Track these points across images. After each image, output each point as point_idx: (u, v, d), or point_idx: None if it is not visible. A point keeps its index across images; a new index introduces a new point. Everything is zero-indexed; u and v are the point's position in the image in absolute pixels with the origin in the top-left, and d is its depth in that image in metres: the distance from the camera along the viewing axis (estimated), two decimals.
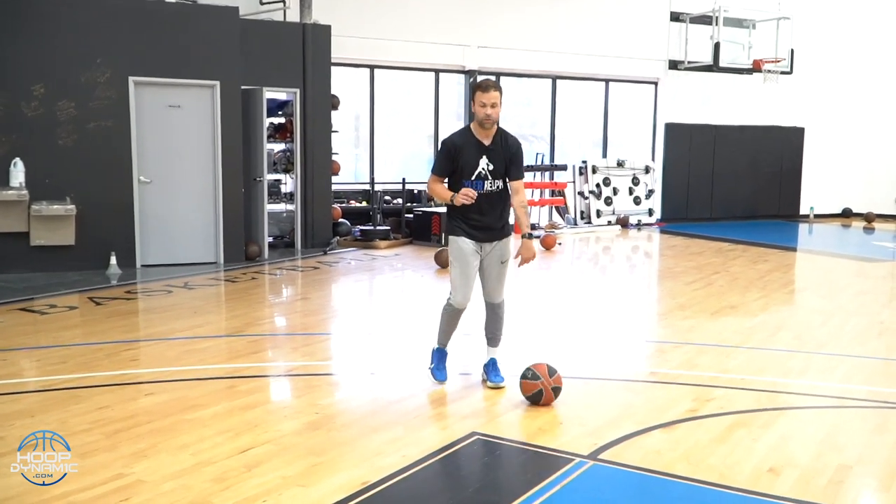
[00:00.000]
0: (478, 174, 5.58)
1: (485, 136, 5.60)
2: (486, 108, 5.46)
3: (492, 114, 5.47)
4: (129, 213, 10.78)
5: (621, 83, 18.22)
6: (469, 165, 5.57)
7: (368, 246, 13.46)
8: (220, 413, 5.30)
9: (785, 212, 19.61)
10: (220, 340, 7.42)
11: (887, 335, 7.84)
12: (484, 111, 5.48)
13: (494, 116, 5.50)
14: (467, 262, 5.68)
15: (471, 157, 5.57)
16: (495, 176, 5.62)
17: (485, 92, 5.46)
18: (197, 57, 11.07)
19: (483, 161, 5.58)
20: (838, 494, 4.20)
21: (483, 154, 5.58)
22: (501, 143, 5.63)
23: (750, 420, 5.29)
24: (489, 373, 5.92)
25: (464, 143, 5.61)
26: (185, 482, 4.22)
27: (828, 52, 19.17)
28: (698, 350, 7.13)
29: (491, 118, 5.49)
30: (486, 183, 5.60)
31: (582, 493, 4.26)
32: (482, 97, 5.46)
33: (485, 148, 5.59)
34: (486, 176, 5.60)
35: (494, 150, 5.61)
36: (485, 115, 5.48)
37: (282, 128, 13.12)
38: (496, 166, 5.61)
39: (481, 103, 5.48)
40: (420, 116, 16.33)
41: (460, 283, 5.71)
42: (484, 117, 5.49)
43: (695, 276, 11.17)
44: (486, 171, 5.59)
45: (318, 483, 4.24)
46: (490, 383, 5.86)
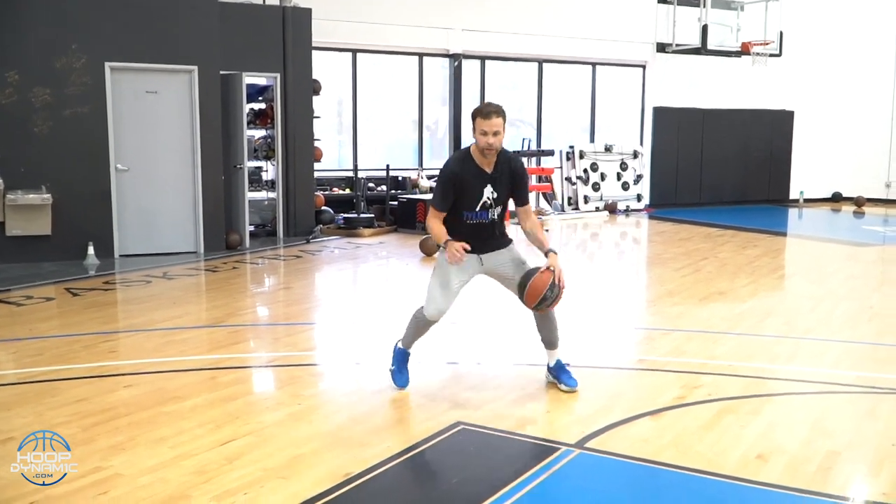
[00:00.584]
0: (482, 205, 5.15)
1: (487, 164, 5.12)
2: (488, 136, 4.98)
3: (494, 143, 4.99)
4: (107, 201, 10.64)
5: (608, 66, 18.13)
6: (472, 197, 5.13)
7: (352, 234, 13.35)
8: (199, 405, 5.22)
9: (774, 196, 19.59)
10: (201, 331, 7.31)
11: (877, 320, 7.79)
12: (486, 140, 4.99)
13: (497, 145, 5.03)
14: (449, 277, 5.22)
15: (474, 187, 5.12)
16: (499, 203, 5.21)
17: (486, 119, 4.97)
18: (174, 41, 10.92)
19: (487, 191, 5.13)
20: (827, 480, 4.16)
21: (487, 183, 5.13)
22: (506, 169, 5.18)
23: (738, 406, 5.24)
24: (560, 376, 5.48)
25: (464, 172, 5.10)
26: (164, 475, 4.15)
27: (817, 35, 19.12)
28: (687, 337, 7.07)
29: (493, 147, 5.01)
30: (490, 212, 5.19)
31: (569, 482, 4.21)
32: (483, 124, 4.98)
33: (488, 177, 5.13)
34: (491, 205, 5.17)
35: (499, 179, 5.15)
36: (486, 144, 4.99)
37: (262, 114, 12.97)
38: (500, 195, 5.18)
39: (482, 131, 4.99)
40: (404, 101, 16.21)
41: (439, 294, 5.25)
42: (486, 146, 5.00)
43: (683, 262, 11.11)
44: (490, 200, 5.15)
45: (299, 475, 4.18)
46: (565, 388, 5.43)
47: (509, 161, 5.22)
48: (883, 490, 4.07)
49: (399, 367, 5.55)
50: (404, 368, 5.55)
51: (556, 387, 5.47)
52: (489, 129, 4.97)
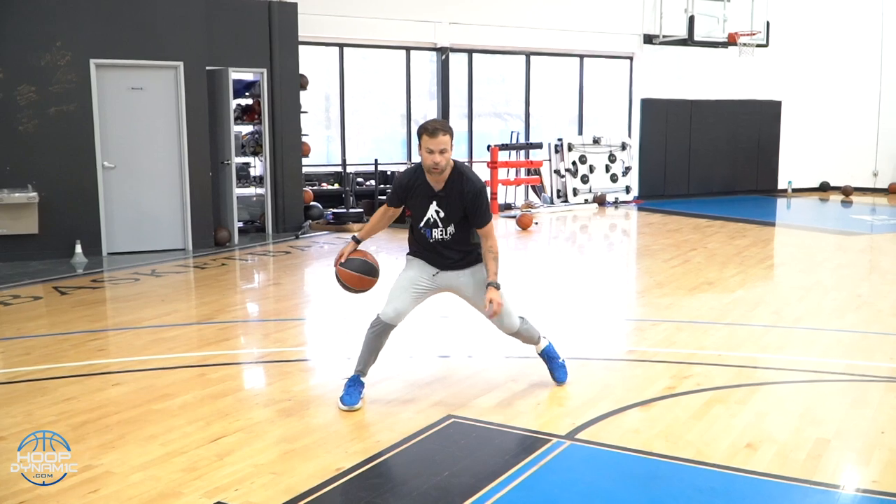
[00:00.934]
0: (426, 221, 4.97)
1: (436, 182, 4.89)
2: (434, 154, 4.75)
3: (440, 161, 4.76)
4: (94, 199, 10.60)
5: (596, 59, 18.13)
6: (418, 211, 4.99)
7: (341, 229, 13.31)
8: (189, 402, 5.20)
9: (763, 186, 19.63)
10: (190, 328, 7.29)
11: (865, 309, 7.82)
12: (431, 158, 4.76)
13: (443, 164, 4.78)
14: (412, 279, 5.10)
15: (420, 202, 4.96)
16: (447, 223, 4.96)
17: (432, 136, 4.75)
18: (159, 37, 10.86)
19: (432, 208, 4.93)
20: (817, 468, 4.17)
21: (433, 200, 4.93)
22: (456, 189, 4.90)
23: (727, 396, 5.25)
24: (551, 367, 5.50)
25: (413, 185, 4.96)
26: (155, 473, 4.14)
27: (803, 25, 19.15)
28: (676, 327, 7.08)
29: (438, 167, 4.78)
30: (434, 231, 4.98)
31: (560, 474, 4.21)
32: (429, 142, 4.75)
33: (434, 194, 4.92)
34: (436, 223, 4.96)
35: (447, 198, 4.91)
36: (432, 163, 4.77)
37: (249, 109, 12.94)
38: (447, 214, 4.94)
39: (428, 149, 4.76)
40: (392, 96, 16.17)
41: (397, 294, 5.09)
42: (431, 165, 4.78)
43: (672, 253, 11.13)
44: (434, 218, 4.95)
45: (291, 470, 4.17)
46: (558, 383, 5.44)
47: (462, 181, 4.90)
48: (873, 478, 4.09)
49: (349, 389, 5.13)
50: (355, 391, 5.12)
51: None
52: (435, 147, 4.75)
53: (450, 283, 5.14)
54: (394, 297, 5.11)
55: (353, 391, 5.13)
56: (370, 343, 5.16)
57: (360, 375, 5.19)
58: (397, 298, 5.10)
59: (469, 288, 5.12)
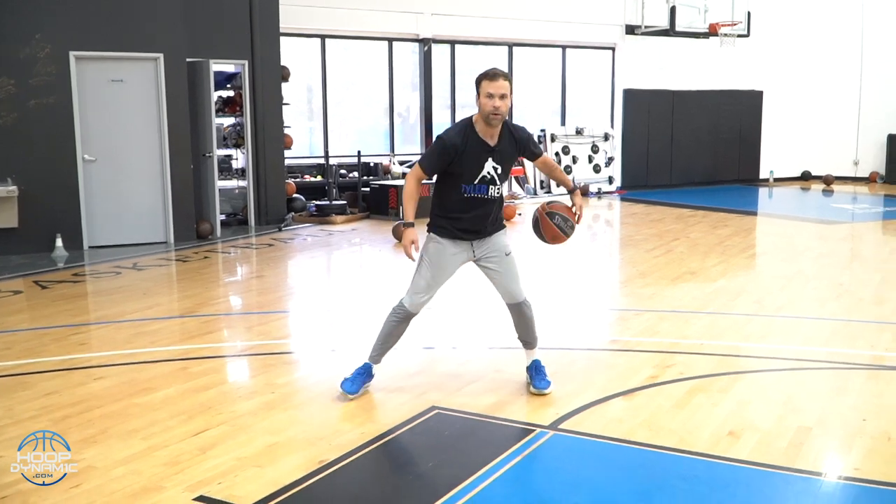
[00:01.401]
0: (482, 178, 4.78)
1: (490, 136, 4.76)
2: (495, 99, 4.60)
3: (500, 106, 4.61)
4: (75, 193, 10.51)
5: (578, 49, 18.12)
6: (472, 170, 4.76)
7: (324, 221, 13.28)
8: (172, 396, 5.18)
9: (745, 176, 19.70)
10: (172, 322, 7.25)
11: (846, 297, 7.87)
12: (491, 103, 4.61)
13: (503, 110, 4.64)
14: (442, 268, 4.93)
15: (475, 161, 4.75)
16: (502, 179, 4.86)
17: (492, 80, 4.61)
18: (139, 29, 10.77)
19: (489, 164, 4.77)
20: (798, 456, 4.20)
21: (489, 156, 4.77)
22: (509, 140, 4.83)
23: (710, 385, 5.28)
24: (533, 378, 5.17)
25: (466, 144, 4.72)
26: (137, 467, 4.12)
27: (784, 14, 19.21)
28: (659, 317, 7.11)
29: (500, 112, 4.63)
30: (490, 188, 4.81)
31: (543, 464, 4.24)
32: (489, 86, 4.61)
33: (490, 149, 4.77)
34: (493, 180, 4.80)
35: (503, 151, 4.81)
36: (492, 107, 4.61)
37: (231, 101, 12.85)
38: (504, 169, 4.84)
39: (488, 94, 4.61)
40: (374, 87, 16.12)
41: (424, 286, 4.94)
42: (491, 111, 4.62)
43: (655, 243, 11.16)
44: (491, 175, 4.79)
45: (274, 463, 4.16)
46: (534, 389, 5.12)
47: (512, 131, 4.86)
48: (854, 465, 4.12)
49: (355, 377, 5.12)
50: (360, 380, 5.12)
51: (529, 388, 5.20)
52: (495, 91, 4.61)
53: (485, 252, 4.98)
54: (424, 288, 4.97)
55: (358, 380, 5.11)
56: (392, 330, 5.09)
57: (373, 365, 5.17)
58: (428, 290, 4.98)
59: (495, 258, 5.00)
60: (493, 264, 5.00)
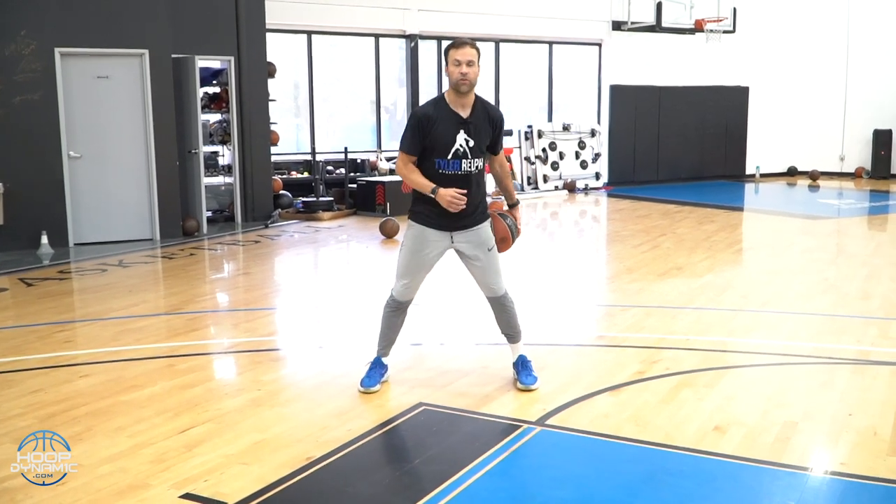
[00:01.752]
0: (454, 152, 4.77)
1: (462, 107, 4.78)
2: (462, 66, 4.65)
3: (468, 73, 4.66)
4: (60, 189, 10.46)
5: (565, 45, 18.13)
6: (444, 142, 4.75)
7: (311, 218, 13.25)
8: (158, 393, 5.16)
9: (731, 172, 19.75)
10: (158, 319, 7.23)
11: (832, 292, 7.90)
12: (458, 70, 4.66)
13: (471, 77, 4.68)
14: (422, 253, 4.93)
15: (446, 131, 4.75)
16: (475, 154, 4.82)
17: (459, 48, 4.69)
18: (124, 25, 10.72)
19: (461, 137, 4.76)
20: (785, 451, 4.21)
21: (461, 128, 4.78)
22: (482, 114, 4.85)
23: (696, 380, 5.29)
24: (520, 373, 5.16)
25: (438, 114, 4.76)
26: (123, 465, 4.11)
27: (770, 10, 19.26)
28: (646, 312, 7.12)
29: (467, 78, 4.67)
30: (463, 162, 4.79)
31: (530, 459, 4.24)
32: (455, 54, 4.68)
33: (463, 121, 4.78)
34: (465, 154, 4.79)
35: (474, 124, 4.81)
36: (459, 74, 4.66)
37: (217, 97, 12.80)
38: (477, 142, 4.81)
39: (455, 61, 4.67)
40: (361, 83, 16.09)
41: (406, 272, 4.98)
42: (459, 77, 4.66)
43: (642, 238, 11.19)
44: (464, 148, 4.78)
45: (261, 460, 4.15)
46: (521, 385, 5.11)
47: (486, 107, 4.90)
48: (841, 460, 4.13)
49: (370, 372, 5.19)
50: (375, 373, 5.18)
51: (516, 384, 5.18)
52: (462, 57, 4.67)
53: (465, 241, 4.96)
54: (407, 275, 5.00)
55: (374, 373, 5.17)
56: (389, 322, 5.15)
57: (382, 356, 5.23)
58: (411, 277, 5.00)
59: (476, 249, 4.99)
60: (475, 257, 5.00)
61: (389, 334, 5.19)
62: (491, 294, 5.12)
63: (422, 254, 4.95)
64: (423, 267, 5.00)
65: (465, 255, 5.03)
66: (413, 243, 4.96)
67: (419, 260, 4.97)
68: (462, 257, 5.08)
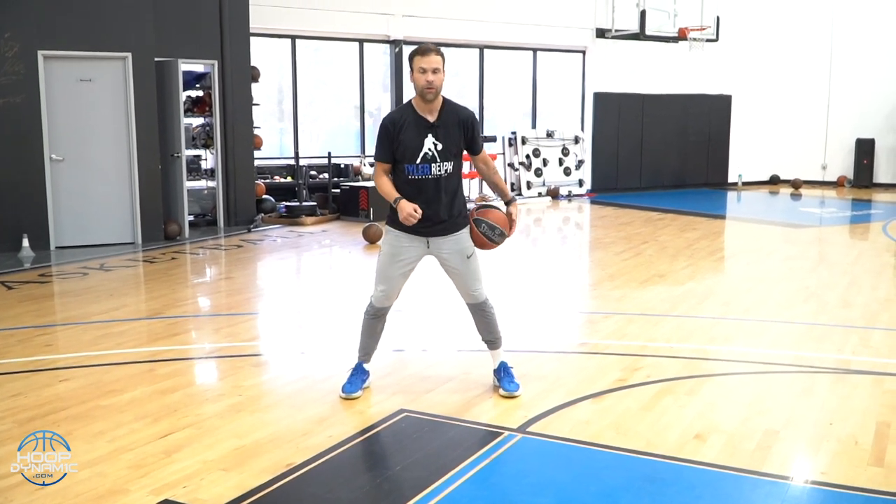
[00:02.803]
0: (423, 157, 4.79)
1: (429, 111, 4.81)
2: (427, 73, 4.67)
3: (434, 80, 4.68)
4: (42, 192, 10.40)
5: (549, 52, 18.19)
6: (412, 147, 4.78)
7: (294, 223, 13.22)
8: (138, 398, 5.13)
9: (713, 180, 19.86)
10: (139, 323, 7.18)
11: (813, 300, 7.94)
12: (424, 78, 4.68)
13: (437, 84, 4.70)
14: (397, 259, 4.95)
15: (413, 137, 4.78)
16: (445, 157, 4.82)
17: (424, 55, 4.69)
18: (107, 28, 10.69)
19: (429, 141, 4.78)
20: (766, 459, 4.22)
21: (428, 132, 4.80)
22: (451, 117, 4.85)
23: (677, 387, 5.30)
24: (502, 380, 5.16)
25: (404, 120, 4.80)
26: (102, 470, 4.08)
27: (753, 19, 19.41)
28: (627, 319, 7.14)
29: (433, 86, 4.69)
30: (433, 166, 4.80)
31: (511, 466, 4.23)
32: (421, 61, 4.69)
33: (430, 125, 4.80)
34: (434, 158, 4.80)
35: (442, 127, 4.82)
36: (425, 82, 4.68)
37: (200, 101, 12.77)
38: (445, 145, 4.81)
39: (420, 69, 4.69)
40: (345, 88, 16.08)
41: (384, 279, 5.00)
42: (424, 85, 4.69)
43: (624, 246, 11.21)
44: (432, 152, 4.79)
45: (240, 466, 4.13)
46: (504, 392, 5.11)
47: (455, 110, 4.90)
48: (821, 469, 4.14)
49: (351, 377, 5.20)
50: (356, 379, 5.18)
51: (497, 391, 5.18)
52: (427, 65, 4.68)
53: (441, 250, 4.98)
54: (384, 280, 5.02)
55: (355, 379, 5.18)
56: (368, 329, 5.18)
57: (364, 362, 5.24)
58: (387, 283, 5.02)
59: (456, 258, 5.00)
60: (454, 264, 5.01)
61: (369, 341, 5.21)
62: (471, 300, 5.12)
63: (398, 259, 4.97)
64: (399, 273, 5.01)
65: (444, 261, 5.04)
66: (389, 249, 4.99)
67: (395, 266, 4.99)
68: (441, 263, 5.09)
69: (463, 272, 5.02)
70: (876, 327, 6.90)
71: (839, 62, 19.53)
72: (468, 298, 5.12)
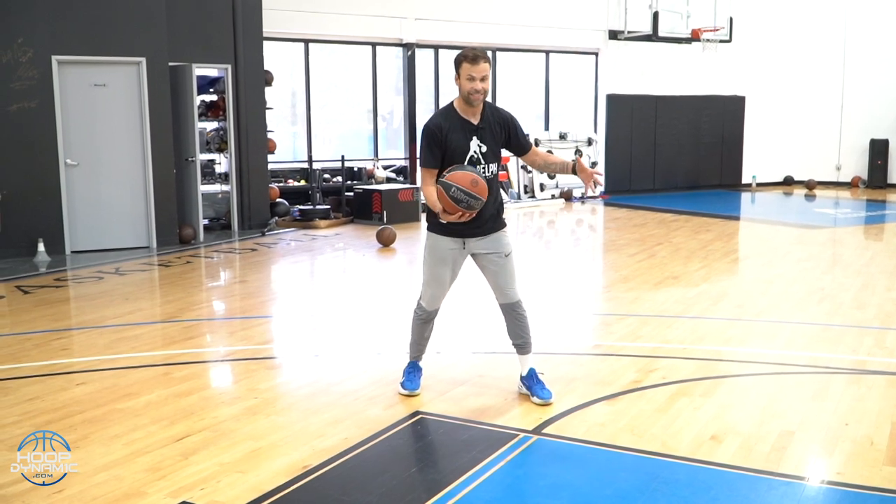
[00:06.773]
0: (469, 159, 4.83)
1: (472, 115, 4.86)
2: (476, 81, 4.71)
3: (481, 88, 4.73)
4: (57, 197, 10.46)
5: (562, 54, 18.17)
6: (459, 150, 4.81)
7: (308, 226, 13.26)
8: (154, 401, 5.16)
9: (727, 181, 19.79)
10: (154, 327, 7.22)
11: (828, 301, 7.91)
12: (472, 85, 4.72)
13: (484, 91, 4.77)
14: (441, 263, 4.99)
15: (459, 140, 4.81)
16: (489, 159, 4.88)
17: (473, 63, 4.71)
18: (121, 33, 10.73)
19: (474, 143, 4.84)
20: (781, 460, 4.21)
21: (473, 135, 4.85)
22: (493, 119, 4.92)
23: (692, 389, 5.29)
24: (533, 388, 5.11)
25: (449, 124, 4.83)
26: (118, 473, 4.10)
27: (766, 20, 19.34)
28: (641, 321, 7.13)
29: (480, 93, 4.75)
30: (478, 168, 4.82)
31: (526, 468, 4.24)
32: (470, 69, 4.71)
33: (474, 128, 4.85)
34: (479, 160, 4.85)
35: (486, 129, 4.88)
36: (472, 89, 4.72)
37: (214, 105, 12.82)
38: (490, 148, 4.89)
39: (469, 76, 4.72)
40: (358, 92, 16.11)
41: (431, 284, 5.07)
42: (471, 92, 4.73)
43: (638, 247, 11.20)
44: (478, 154, 4.85)
45: (257, 468, 4.15)
46: (537, 400, 5.05)
47: (495, 111, 4.99)
48: (837, 469, 4.14)
49: (408, 376, 5.30)
50: (413, 377, 5.30)
51: (528, 399, 5.13)
52: (477, 73, 4.72)
53: (479, 250, 5.00)
54: (431, 283, 5.08)
55: (413, 377, 5.29)
56: (418, 331, 5.28)
57: (417, 361, 5.35)
58: (435, 288, 5.08)
59: (493, 258, 5.01)
60: (491, 262, 5.03)
61: (421, 342, 5.33)
62: (504, 300, 5.10)
63: (440, 262, 5.02)
64: (444, 275, 5.04)
65: (479, 257, 5.06)
66: (430, 253, 5.05)
67: (441, 269, 5.03)
68: (476, 260, 5.11)
69: (499, 271, 5.03)
70: (891, 328, 6.87)
71: (852, 63, 19.43)
72: (502, 298, 5.11)
